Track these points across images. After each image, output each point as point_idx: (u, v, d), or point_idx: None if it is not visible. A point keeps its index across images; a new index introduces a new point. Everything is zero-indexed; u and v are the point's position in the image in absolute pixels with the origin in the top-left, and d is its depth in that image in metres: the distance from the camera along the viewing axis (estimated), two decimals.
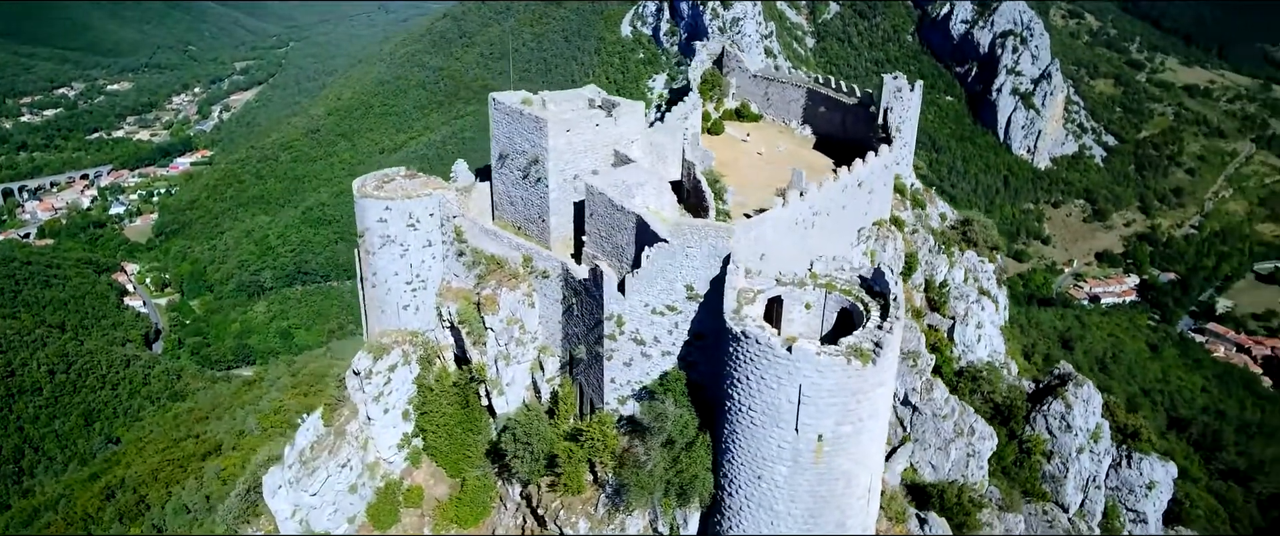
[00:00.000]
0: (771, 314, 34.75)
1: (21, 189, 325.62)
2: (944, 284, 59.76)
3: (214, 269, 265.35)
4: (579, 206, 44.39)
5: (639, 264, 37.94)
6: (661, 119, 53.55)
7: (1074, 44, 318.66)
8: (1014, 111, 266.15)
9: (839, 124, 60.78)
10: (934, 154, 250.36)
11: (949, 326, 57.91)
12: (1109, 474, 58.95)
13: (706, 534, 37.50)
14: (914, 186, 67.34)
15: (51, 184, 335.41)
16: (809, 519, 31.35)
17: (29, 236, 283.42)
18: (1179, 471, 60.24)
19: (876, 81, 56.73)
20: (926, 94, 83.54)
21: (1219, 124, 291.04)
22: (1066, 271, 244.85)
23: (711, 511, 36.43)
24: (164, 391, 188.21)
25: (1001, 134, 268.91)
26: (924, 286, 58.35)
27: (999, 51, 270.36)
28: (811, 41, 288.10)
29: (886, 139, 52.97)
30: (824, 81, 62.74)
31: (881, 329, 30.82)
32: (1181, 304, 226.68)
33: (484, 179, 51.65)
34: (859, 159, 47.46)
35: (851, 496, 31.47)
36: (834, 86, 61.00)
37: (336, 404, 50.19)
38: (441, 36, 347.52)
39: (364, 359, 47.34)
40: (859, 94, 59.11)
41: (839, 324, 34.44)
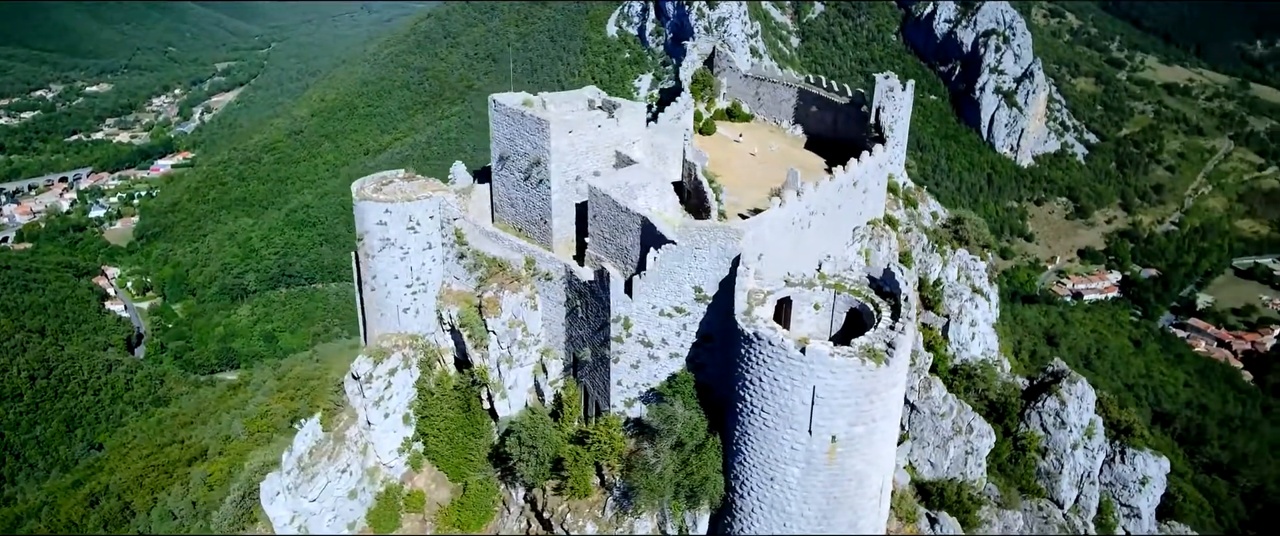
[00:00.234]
0: (779, 314, 34.69)
1: None
2: (938, 282, 60.02)
3: (196, 272, 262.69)
4: (581, 208, 44.15)
5: (644, 265, 37.74)
6: (655, 119, 53.44)
7: (1055, 43, 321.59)
8: (997, 110, 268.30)
9: (830, 124, 60.78)
10: (919, 153, 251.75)
11: (943, 325, 58.20)
12: (1103, 469, 59.48)
13: (716, 535, 37.39)
14: (906, 185, 67.66)
15: (30, 187, 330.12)
16: (822, 520, 31.33)
17: (7, 240, 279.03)
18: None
19: (861, 81, 56.84)
20: None
21: (1198, 122, 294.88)
22: (1050, 268, 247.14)
23: (722, 513, 36.34)
24: (147, 396, 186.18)
25: (985, 132, 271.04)
26: (918, 285, 58.58)
27: (982, 51, 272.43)
28: (796, 41, 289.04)
29: (880, 138, 53.01)
30: (815, 81, 62.70)
31: (894, 329, 30.83)
32: (1163, 299, 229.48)
33: (482, 181, 51.33)
34: (854, 158, 47.37)
35: (864, 497, 31.48)
36: (825, 86, 60.96)
37: (335, 409, 49.75)
38: (426, 36, 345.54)
39: (364, 363, 46.94)
40: (850, 93, 59.14)
41: (847, 324, 34.43)
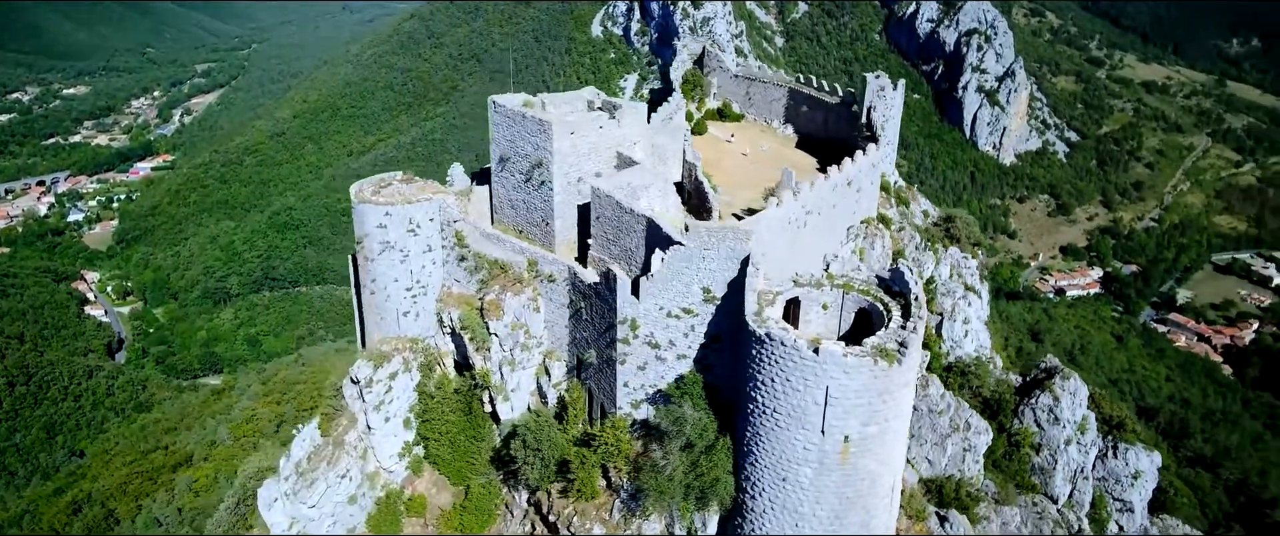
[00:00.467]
0: (786, 315, 34.72)
1: None
2: (930, 280, 60.32)
3: (178, 276, 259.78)
4: (583, 209, 44.01)
5: (648, 267, 37.68)
6: (648, 119, 53.35)
7: (1036, 42, 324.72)
8: (979, 108, 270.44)
9: (821, 123, 60.95)
10: (903, 151, 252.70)
11: (937, 322, 58.55)
12: (1096, 464, 60.02)
13: None
14: (897, 184, 68.02)
15: (6, 191, 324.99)
16: (834, 520, 31.37)
17: None
18: None
19: (845, 80, 57.11)
20: None
21: (1176, 119, 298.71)
22: (1032, 265, 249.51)
23: (732, 514, 36.30)
24: (129, 402, 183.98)
25: (968, 131, 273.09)
26: None
27: (964, 50, 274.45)
28: (781, 41, 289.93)
29: (872, 138, 53.20)
30: (805, 81, 62.89)
31: (905, 328, 30.94)
32: (1143, 295, 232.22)
33: (479, 182, 51.03)
34: (848, 158, 47.49)
35: (876, 496, 31.56)
36: (815, 86, 61.16)
37: (334, 413, 49.31)
38: (409, 37, 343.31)
39: (364, 367, 46.55)
40: (840, 93, 59.36)
41: (855, 324, 34.51)
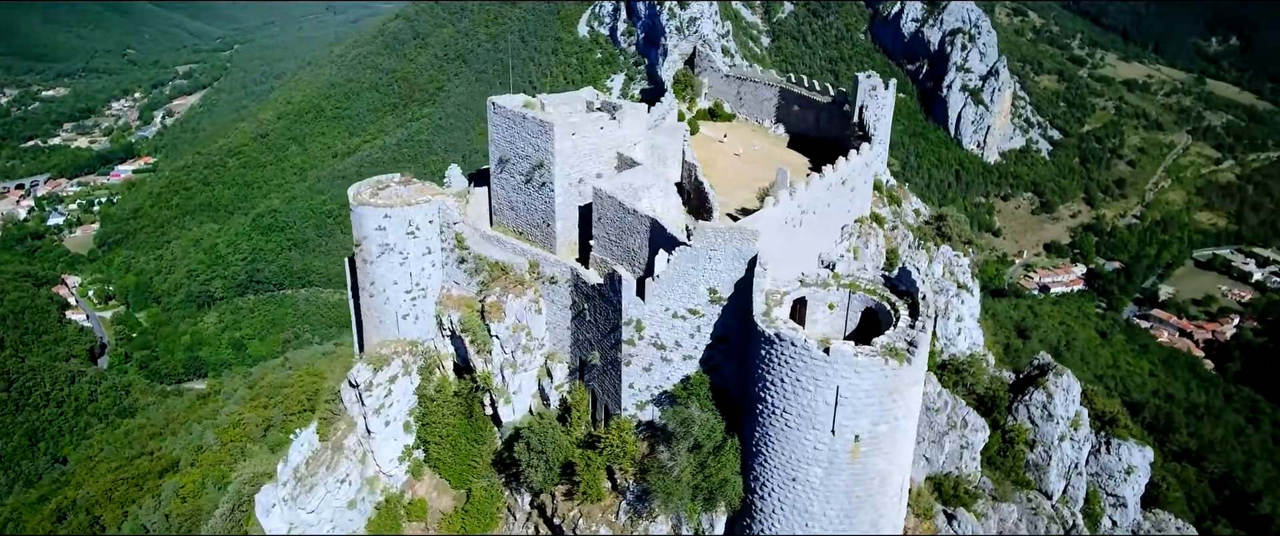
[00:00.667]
0: (792, 314, 34.72)
1: None
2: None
3: (161, 279, 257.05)
4: (583, 210, 43.87)
5: (652, 267, 37.59)
6: None
7: (1019, 41, 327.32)
8: (964, 107, 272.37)
9: (813, 123, 61.19)
10: (890, 150, 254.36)
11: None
12: (1089, 460, 60.57)
13: None
14: (889, 183, 68.39)
15: None
16: (844, 519, 31.41)
17: None
18: None
19: (831, 79, 57.41)
20: None
21: (1157, 117, 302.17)
22: (1017, 262, 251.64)
23: (740, 514, 36.24)
24: (112, 407, 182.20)
25: (952, 129, 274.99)
26: None
27: (948, 49, 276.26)
28: (767, 40, 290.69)
29: (865, 137, 53.40)
30: (796, 80, 63.11)
31: (913, 327, 31.04)
32: (1126, 291, 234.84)
33: (476, 184, 50.77)
34: (842, 157, 47.64)
35: (886, 495, 31.64)
36: (806, 85, 61.33)
37: (332, 418, 48.89)
38: (394, 37, 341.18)
39: (363, 371, 46.15)
40: (832, 93, 59.57)
41: (862, 324, 34.58)
